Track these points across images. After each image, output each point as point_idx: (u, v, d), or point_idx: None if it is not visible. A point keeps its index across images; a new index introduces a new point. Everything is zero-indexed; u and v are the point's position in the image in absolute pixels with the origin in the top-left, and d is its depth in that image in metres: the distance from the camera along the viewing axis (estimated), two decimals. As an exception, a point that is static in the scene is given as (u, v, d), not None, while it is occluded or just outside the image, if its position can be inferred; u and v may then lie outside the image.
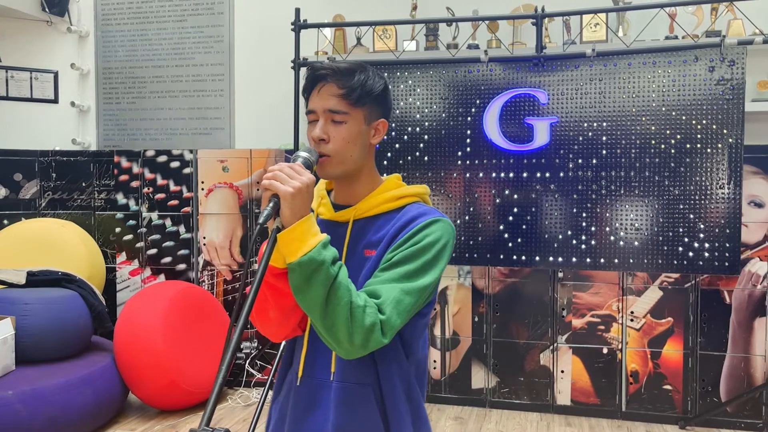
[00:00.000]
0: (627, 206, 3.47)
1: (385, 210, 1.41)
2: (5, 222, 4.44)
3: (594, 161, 3.50)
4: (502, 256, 3.64)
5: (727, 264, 3.36)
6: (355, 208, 1.41)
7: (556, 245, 3.56)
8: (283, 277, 1.24)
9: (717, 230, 3.36)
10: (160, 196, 4.42)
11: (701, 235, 3.38)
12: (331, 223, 1.42)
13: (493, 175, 3.63)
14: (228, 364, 0.99)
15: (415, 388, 1.41)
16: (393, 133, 3.70)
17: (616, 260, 3.50)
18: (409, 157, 3.74)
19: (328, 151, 1.34)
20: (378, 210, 1.41)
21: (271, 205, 1.17)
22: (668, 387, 3.74)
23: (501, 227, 3.63)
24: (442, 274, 1.34)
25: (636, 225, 3.46)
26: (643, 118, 3.44)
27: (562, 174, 3.54)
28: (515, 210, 3.61)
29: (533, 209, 3.59)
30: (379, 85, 1.38)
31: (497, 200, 3.63)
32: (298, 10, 3.97)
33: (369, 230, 1.39)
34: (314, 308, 1.20)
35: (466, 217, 3.64)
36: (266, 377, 4.19)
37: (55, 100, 4.85)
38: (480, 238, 3.64)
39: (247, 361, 4.31)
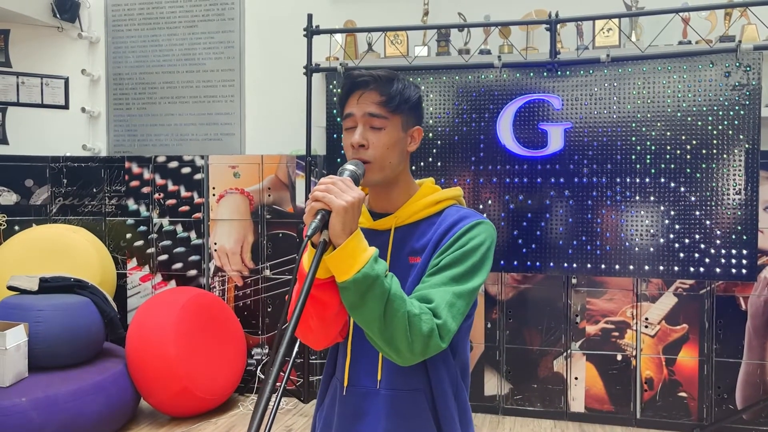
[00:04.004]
0: (642, 212, 3.46)
1: (425, 215, 1.41)
2: (16, 228, 4.43)
3: (608, 167, 3.48)
4: (516, 263, 3.62)
5: (744, 271, 3.34)
6: (395, 216, 1.41)
7: (570, 251, 3.54)
8: (325, 288, 1.23)
9: (733, 236, 3.33)
10: (171, 201, 4.41)
11: (717, 242, 3.36)
12: (370, 232, 1.42)
13: (507, 180, 3.61)
14: (274, 379, 0.97)
15: (462, 389, 1.42)
16: (406, 139, 3.69)
17: (631, 266, 3.48)
18: (422, 163, 3.73)
19: (368, 157, 1.34)
20: (418, 216, 1.41)
21: (318, 217, 1.15)
22: (683, 394, 3.71)
23: (515, 233, 3.61)
24: (488, 275, 1.35)
25: (651, 231, 3.44)
26: (658, 124, 3.42)
27: (576, 180, 3.52)
28: (529, 216, 3.59)
29: (547, 215, 3.57)
30: (415, 94, 1.40)
31: (511, 206, 3.62)
32: (310, 16, 3.97)
33: (411, 237, 1.40)
34: (372, 323, 1.19)
35: (480, 223, 3.62)
36: (279, 384, 4.16)
37: (66, 106, 4.85)
38: (493, 244, 3.62)
39: (259, 368, 4.29)
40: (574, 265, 3.55)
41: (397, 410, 1.35)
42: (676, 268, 3.42)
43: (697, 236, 3.39)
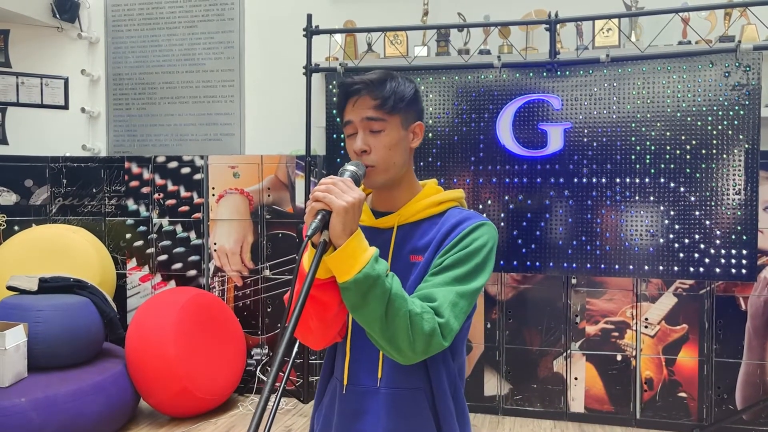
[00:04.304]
0: (642, 212, 3.46)
1: (427, 215, 1.42)
2: (16, 228, 4.43)
3: (608, 167, 3.48)
4: (515, 263, 3.62)
5: (744, 271, 3.34)
6: (398, 215, 1.42)
7: (570, 251, 3.54)
8: (325, 288, 1.23)
9: (733, 236, 3.33)
10: (171, 202, 4.41)
11: (717, 242, 3.36)
12: (372, 230, 1.42)
13: (507, 180, 3.61)
14: (273, 378, 0.97)
15: (460, 388, 1.43)
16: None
17: (631, 267, 3.48)
18: (422, 163, 3.73)
19: (372, 161, 1.35)
20: (421, 215, 1.42)
21: (319, 218, 1.15)
22: (683, 394, 3.71)
23: (515, 233, 3.61)
24: (490, 276, 1.36)
25: (651, 231, 3.44)
26: (658, 124, 3.42)
27: (576, 180, 3.52)
28: (529, 216, 3.59)
29: (547, 215, 3.57)
30: (410, 90, 1.40)
31: (511, 206, 3.62)
32: (310, 16, 3.97)
33: (413, 236, 1.40)
34: (373, 323, 1.19)
35: (479, 223, 3.62)
36: (278, 384, 4.16)
37: (66, 107, 4.85)
38: (493, 245, 3.62)
39: (258, 368, 4.29)
40: (574, 265, 3.55)
41: (397, 409, 1.36)
42: (675, 268, 3.42)
43: (696, 236, 3.39)
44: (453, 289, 1.27)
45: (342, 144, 3.81)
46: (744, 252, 3.33)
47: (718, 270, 3.37)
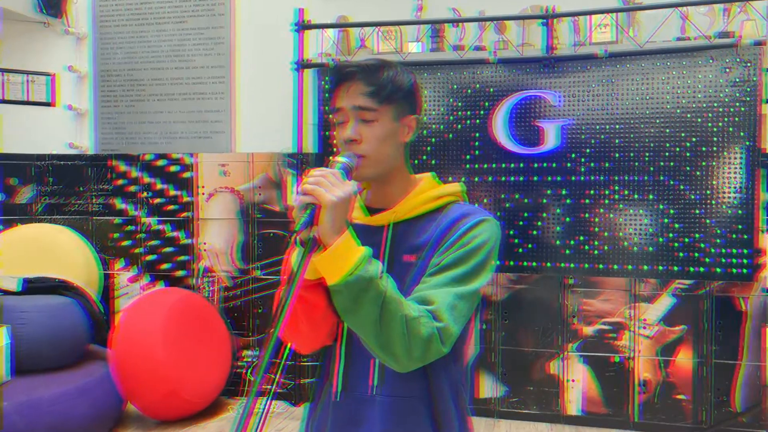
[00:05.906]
0: (640, 211, 3.40)
1: (424, 211, 1.33)
2: (0, 227, 4.34)
3: (606, 165, 3.42)
4: (511, 263, 3.56)
5: (744, 270, 3.29)
6: (393, 212, 1.32)
7: (567, 251, 3.48)
8: (314, 289, 1.16)
9: (734, 236, 3.28)
10: (159, 200, 4.33)
11: (717, 241, 3.30)
12: (365, 228, 1.32)
13: (503, 179, 3.55)
14: (260, 380, 0.90)
15: (462, 393, 1.35)
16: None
17: (630, 266, 3.42)
18: (416, 161, 3.66)
19: (362, 151, 1.27)
20: (418, 211, 1.33)
21: (307, 213, 1.09)
22: (680, 396, 3.65)
23: (510, 232, 3.54)
24: (491, 275, 1.28)
25: (650, 230, 3.38)
26: (657, 121, 3.36)
27: (573, 178, 3.46)
28: (525, 215, 3.53)
29: (544, 214, 3.51)
30: (408, 81, 1.32)
31: (507, 205, 3.55)
32: (299, 11, 3.89)
33: (410, 234, 1.31)
34: (366, 327, 1.12)
35: (475, 222, 3.55)
36: (269, 387, 4.09)
37: (52, 103, 4.75)
38: (489, 244, 3.56)
39: (249, 371, 4.21)
40: (571, 265, 3.49)
41: (395, 418, 1.27)
42: (675, 268, 3.36)
43: (696, 235, 3.33)
44: (452, 290, 1.19)
45: (335, 141, 3.74)
46: (744, 251, 3.27)
47: (718, 270, 3.31)
